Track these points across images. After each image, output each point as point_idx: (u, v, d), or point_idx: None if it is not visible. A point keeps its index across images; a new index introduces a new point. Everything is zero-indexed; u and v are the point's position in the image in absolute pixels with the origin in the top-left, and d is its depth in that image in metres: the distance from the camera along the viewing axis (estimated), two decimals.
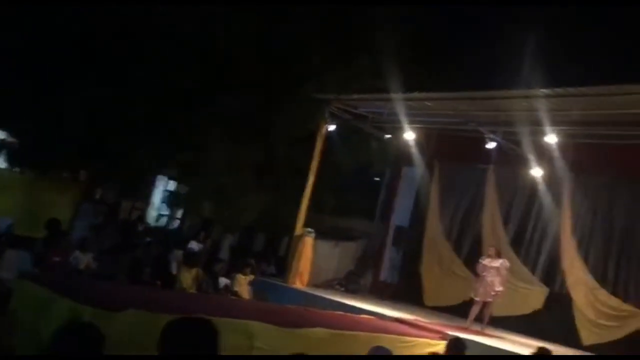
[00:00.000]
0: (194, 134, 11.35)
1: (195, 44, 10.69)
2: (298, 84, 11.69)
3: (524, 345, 9.15)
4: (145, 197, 16.26)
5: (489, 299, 9.83)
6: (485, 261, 10.00)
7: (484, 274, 9.90)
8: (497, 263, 9.89)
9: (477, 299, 9.95)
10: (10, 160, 12.25)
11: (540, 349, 5.38)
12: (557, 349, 9.44)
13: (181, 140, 11.54)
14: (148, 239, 12.66)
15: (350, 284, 14.11)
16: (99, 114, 10.57)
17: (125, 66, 10.37)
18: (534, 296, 11.66)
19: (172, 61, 10.45)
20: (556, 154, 10.88)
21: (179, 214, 18.19)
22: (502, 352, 8.03)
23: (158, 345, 2.49)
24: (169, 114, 10.87)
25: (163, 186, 17.23)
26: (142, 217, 14.80)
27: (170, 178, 16.48)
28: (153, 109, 10.64)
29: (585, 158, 11.22)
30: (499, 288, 9.83)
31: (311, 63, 11.73)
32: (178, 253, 10.99)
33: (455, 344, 5.56)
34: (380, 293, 13.64)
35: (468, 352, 8.11)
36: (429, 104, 10.67)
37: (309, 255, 11.72)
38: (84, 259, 8.82)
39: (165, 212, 18.31)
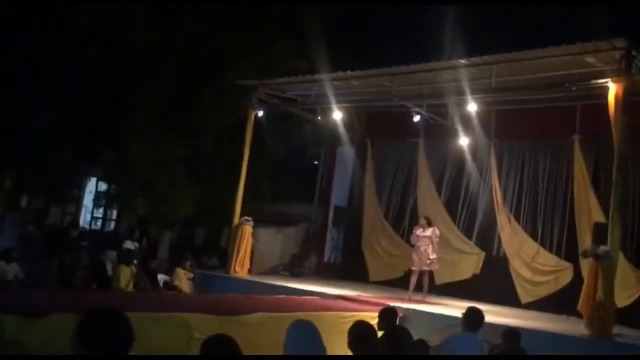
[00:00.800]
0: (117, 132, 10.99)
1: (105, 37, 10.30)
2: (219, 74, 11.51)
3: (464, 309, 9.44)
4: (75, 201, 15.69)
5: (425, 268, 10.08)
6: (418, 231, 10.24)
7: (417, 244, 10.14)
8: (428, 232, 10.14)
9: (413, 268, 10.19)
10: None
11: (470, 308, 5.55)
12: (497, 309, 9.86)
13: (104, 140, 11.17)
14: (83, 243, 12.26)
15: (294, 268, 14.14)
16: (11, 120, 10.04)
17: (35, 66, 9.88)
18: (472, 261, 12.05)
19: (85, 59, 10.04)
20: (479, 122, 11.23)
21: (114, 215, 17.72)
22: (445, 318, 8.21)
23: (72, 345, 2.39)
24: (89, 114, 10.47)
25: (93, 188, 16.69)
26: (74, 222, 14.28)
27: (99, 179, 15.98)
28: (71, 111, 10.23)
29: (507, 124, 11.68)
30: (433, 256, 10.09)
31: (231, 51, 11.58)
32: (112, 254, 10.72)
33: (386, 312, 5.67)
34: (325, 274, 13.78)
35: (412, 322, 8.39)
36: (355, 82, 10.74)
37: (249, 244, 11.63)
38: (10, 270, 8.44)
39: (99, 214, 17.78)
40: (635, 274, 10.12)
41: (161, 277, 10.72)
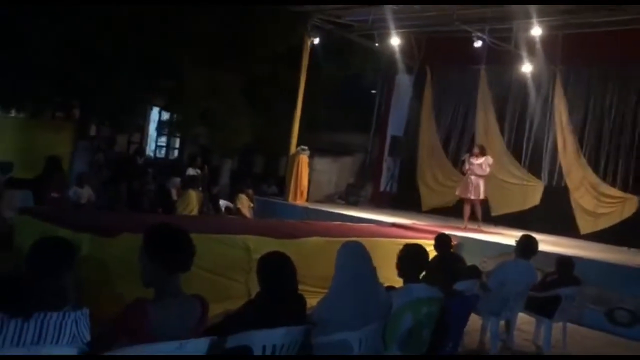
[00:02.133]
0: (173, 60, 11.13)
1: None
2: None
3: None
4: (139, 130, 16.26)
5: (473, 196, 9.99)
6: (469, 159, 10.09)
7: (468, 172, 10.03)
8: (481, 160, 9.97)
9: (462, 196, 10.15)
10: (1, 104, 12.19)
11: (523, 236, 5.55)
12: (554, 239, 9.80)
13: (161, 69, 11.35)
14: (149, 170, 12.79)
15: (350, 197, 14.36)
16: (74, 49, 10.34)
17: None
18: (531, 192, 11.84)
19: None
20: (544, 47, 10.72)
21: (177, 143, 18.29)
22: (499, 247, 8.23)
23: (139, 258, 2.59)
24: (145, 42, 10.61)
25: (156, 117, 17.20)
26: (140, 150, 14.86)
27: (162, 109, 16.41)
28: (126, 40, 10.40)
29: (575, 49, 11.08)
30: (482, 185, 9.95)
31: None
32: (176, 180, 11.16)
33: (440, 238, 5.75)
34: (380, 203, 13.93)
35: (467, 249, 8.47)
36: (415, 6, 10.37)
37: (306, 173, 11.84)
38: (84, 193, 8.99)
39: (163, 142, 18.39)
40: None
41: (223, 203, 11.14)
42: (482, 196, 10.08)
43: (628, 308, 7.04)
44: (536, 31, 9.61)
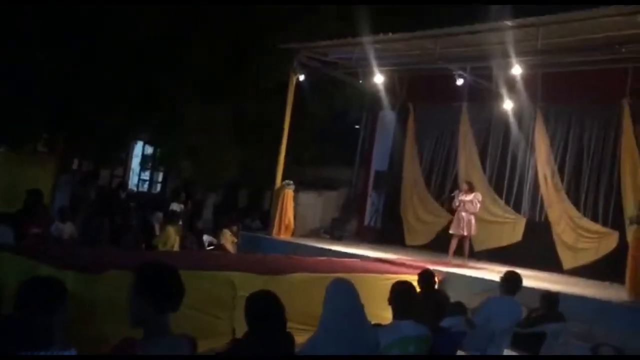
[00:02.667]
0: (163, 95, 11.24)
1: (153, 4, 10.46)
2: (262, 36, 11.56)
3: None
4: (122, 164, 16.22)
5: (465, 233, 10.11)
6: (460, 196, 10.25)
7: (458, 208, 10.16)
8: (470, 197, 10.15)
9: (453, 232, 10.24)
10: None
11: (508, 272, 5.59)
12: (538, 275, 9.87)
13: (151, 103, 11.44)
14: (131, 204, 12.72)
15: (335, 231, 14.36)
16: (64, 82, 10.40)
17: (85, 30, 10.15)
18: (513, 228, 11.98)
19: (132, 22, 10.24)
20: (524, 85, 11.00)
21: (160, 177, 18.25)
22: (484, 282, 8.26)
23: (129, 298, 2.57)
24: (135, 77, 10.72)
25: (140, 151, 17.20)
26: (123, 184, 14.80)
27: (146, 142, 16.42)
28: (117, 74, 10.50)
29: (554, 87, 11.40)
30: (473, 221, 10.10)
31: (274, 14, 11.59)
32: (159, 215, 11.10)
33: (424, 274, 5.78)
34: (365, 237, 13.95)
35: (451, 285, 8.49)
36: (397, 45, 10.63)
37: (291, 207, 11.86)
38: (66, 229, 8.89)
39: (146, 176, 18.34)
40: None
41: (206, 238, 11.07)
42: (473, 232, 10.21)
43: (613, 344, 7.06)
44: (516, 70, 9.88)
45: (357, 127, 16.11)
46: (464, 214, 10.08)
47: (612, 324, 7.15)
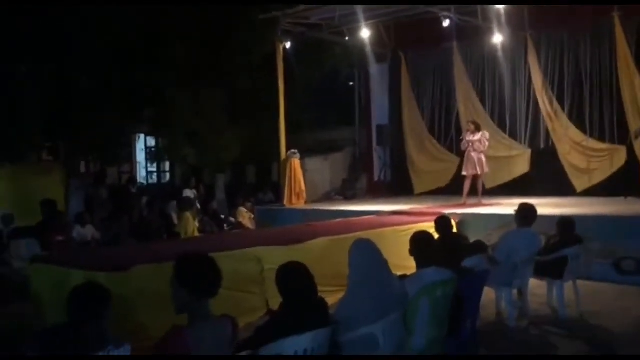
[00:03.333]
0: (153, 86, 11.27)
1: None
2: (241, 11, 11.48)
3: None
4: (128, 159, 16.35)
5: (478, 172, 10.17)
6: (467, 136, 10.28)
7: (467, 149, 10.21)
8: (477, 136, 10.16)
9: (465, 173, 10.31)
10: None
11: (521, 205, 5.68)
12: (553, 201, 9.97)
13: (144, 96, 11.49)
14: (145, 198, 12.88)
15: (347, 191, 14.50)
16: (55, 88, 10.46)
17: (66, 34, 10.13)
18: (520, 160, 12.04)
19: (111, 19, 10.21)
20: (512, 16, 10.90)
21: (167, 167, 18.39)
22: (501, 218, 8.35)
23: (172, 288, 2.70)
24: (121, 73, 10.75)
25: (143, 144, 17.29)
26: (132, 179, 14.94)
27: (147, 135, 16.50)
28: (103, 73, 10.53)
29: (541, 13, 11.28)
30: (484, 159, 10.16)
31: None
32: (174, 203, 11.25)
33: (440, 220, 5.90)
34: (377, 192, 14.08)
35: (469, 225, 8.63)
36: None
37: (299, 175, 11.94)
38: (87, 232, 9.07)
39: (153, 168, 18.48)
40: None
41: (224, 218, 11.23)
42: (486, 170, 10.27)
43: (634, 257, 7.22)
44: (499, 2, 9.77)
45: (351, 84, 16.07)
46: (473, 154, 10.11)
47: (631, 238, 7.28)
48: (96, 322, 2.45)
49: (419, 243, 3.80)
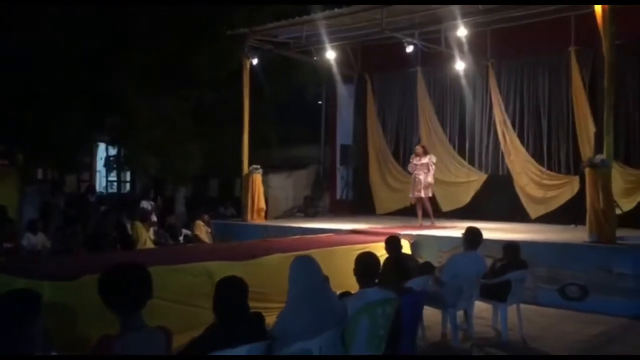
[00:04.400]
0: (117, 95, 11.20)
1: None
2: (207, 25, 11.55)
3: None
4: (87, 168, 16.11)
5: (422, 195, 10.36)
6: (415, 160, 10.49)
7: (415, 172, 10.41)
8: (425, 160, 10.39)
9: (412, 196, 10.52)
10: None
11: (468, 228, 5.83)
12: (506, 226, 10.25)
13: (107, 104, 11.40)
14: (103, 208, 12.70)
15: (309, 209, 14.55)
16: (12, 91, 10.29)
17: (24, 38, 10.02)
18: (476, 185, 12.33)
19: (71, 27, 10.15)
20: (474, 44, 11.23)
21: (128, 177, 18.17)
22: (452, 240, 8.52)
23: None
24: (81, 82, 10.66)
25: (103, 153, 17.07)
26: (91, 188, 14.72)
27: (108, 144, 16.31)
28: (68, 78, 10.42)
29: (503, 43, 11.67)
30: (430, 181, 10.36)
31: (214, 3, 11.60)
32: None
33: (390, 241, 6.01)
34: (339, 211, 14.18)
35: (422, 246, 8.80)
36: (345, 19, 10.70)
37: (260, 191, 11.96)
38: (38, 240, 8.89)
39: (113, 178, 18.24)
40: (635, 178, 10.35)
41: (182, 232, 11.15)
42: (430, 194, 10.47)
43: (578, 283, 7.46)
44: (462, 32, 10.10)
45: (319, 102, 16.23)
46: (420, 177, 10.33)
47: (576, 264, 7.52)
48: (22, 329, 2.42)
49: (363, 264, 3.88)
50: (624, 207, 9.57)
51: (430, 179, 10.33)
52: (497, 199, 12.01)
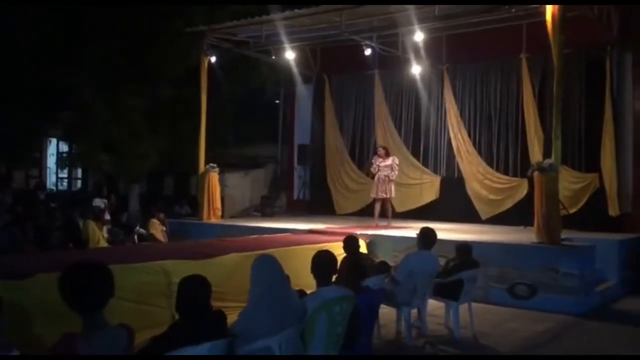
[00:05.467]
0: (70, 90, 10.95)
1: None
2: (166, 22, 11.42)
3: None
4: (37, 164, 15.65)
5: (385, 195, 10.57)
6: (377, 161, 10.68)
7: (377, 173, 10.60)
8: (388, 161, 10.60)
9: (374, 196, 10.70)
10: None
11: (422, 229, 5.99)
12: (459, 227, 10.54)
13: (60, 99, 11.12)
14: (52, 205, 12.37)
15: (266, 208, 14.55)
16: None
17: None
18: (430, 188, 12.63)
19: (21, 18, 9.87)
20: (430, 49, 11.49)
21: (79, 174, 17.73)
22: (407, 240, 8.69)
23: None
24: (39, 74, 10.38)
25: (54, 149, 16.61)
26: (40, 185, 14.32)
27: (59, 140, 15.88)
28: (18, 69, 10.11)
29: (458, 48, 12.00)
30: (392, 184, 10.57)
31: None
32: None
33: (348, 240, 6.11)
34: (296, 211, 14.24)
35: (378, 246, 8.96)
36: (305, 20, 10.76)
37: (217, 190, 11.90)
38: None
39: (64, 174, 17.77)
40: (581, 182, 10.81)
41: (137, 230, 10.98)
42: (393, 195, 10.67)
43: (526, 282, 7.75)
44: (419, 36, 10.33)
45: (277, 102, 16.26)
46: (382, 177, 10.52)
47: (524, 264, 7.82)
48: None
49: (320, 263, 3.95)
50: (570, 209, 9.97)
51: (392, 181, 10.52)
52: (451, 200, 12.33)
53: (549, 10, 8.07)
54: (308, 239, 8.97)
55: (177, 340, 2.90)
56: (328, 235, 9.23)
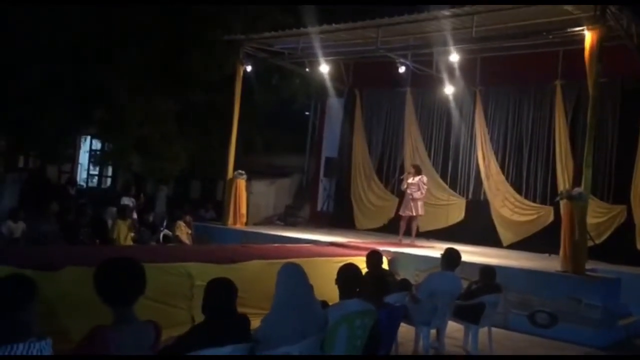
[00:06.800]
0: (107, 90, 11.22)
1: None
2: (205, 29, 11.66)
3: None
4: (70, 159, 16.01)
5: (412, 213, 10.57)
6: (407, 179, 10.71)
7: (406, 190, 10.62)
8: (416, 179, 10.61)
9: (402, 214, 10.70)
10: None
11: (447, 249, 5.99)
12: (481, 250, 10.45)
13: (96, 98, 11.41)
14: (82, 201, 12.63)
15: (289, 218, 14.65)
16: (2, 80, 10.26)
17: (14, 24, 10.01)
18: (455, 209, 12.56)
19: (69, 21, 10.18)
20: (464, 70, 11.50)
21: (110, 172, 18.08)
22: (430, 260, 8.69)
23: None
24: (78, 72, 10.67)
25: (88, 146, 16.99)
26: (72, 180, 14.64)
27: (93, 137, 16.24)
28: (61, 69, 10.42)
29: (492, 71, 11.98)
30: (420, 202, 10.58)
31: (217, 6, 11.70)
32: (112, 210, 11.11)
33: (372, 255, 6.14)
34: (318, 222, 14.29)
35: (400, 263, 8.94)
36: (341, 34, 10.89)
37: (244, 197, 12.03)
38: (18, 227, 8.84)
39: (95, 171, 18.13)
40: (608, 213, 10.65)
41: (162, 231, 11.14)
42: (421, 212, 10.67)
43: (547, 310, 7.66)
44: (454, 57, 10.34)
45: (307, 113, 16.38)
46: (411, 195, 10.54)
47: (547, 292, 7.73)
48: (18, 314, 2.48)
49: (346, 275, 4.00)
50: (596, 240, 9.83)
51: (421, 200, 10.55)
52: (475, 223, 12.23)
53: (588, 38, 8.03)
54: (330, 251, 9.00)
55: (202, 340, 2.96)
56: (350, 249, 9.25)
